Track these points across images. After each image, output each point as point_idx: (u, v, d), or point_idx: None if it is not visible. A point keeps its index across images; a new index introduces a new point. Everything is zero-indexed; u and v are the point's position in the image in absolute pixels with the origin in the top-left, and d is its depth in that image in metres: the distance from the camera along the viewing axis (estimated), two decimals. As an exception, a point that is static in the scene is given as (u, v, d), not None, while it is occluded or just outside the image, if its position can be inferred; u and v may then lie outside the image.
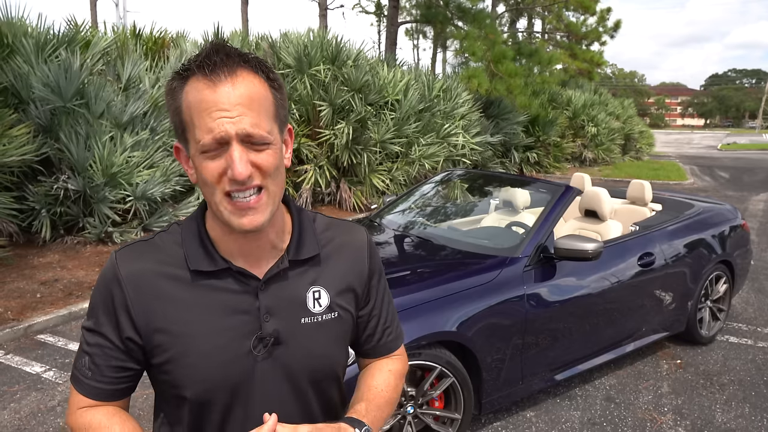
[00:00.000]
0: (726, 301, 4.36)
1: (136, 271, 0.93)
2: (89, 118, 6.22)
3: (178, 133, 0.89)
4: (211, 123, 0.81)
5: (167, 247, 0.96)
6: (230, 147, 0.83)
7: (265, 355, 0.94)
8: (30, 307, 4.50)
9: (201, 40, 9.13)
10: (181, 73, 0.86)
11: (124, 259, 0.94)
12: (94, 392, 0.95)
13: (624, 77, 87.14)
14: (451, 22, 13.93)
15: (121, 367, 0.94)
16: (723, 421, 3.21)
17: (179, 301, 0.92)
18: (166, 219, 6.73)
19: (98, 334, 0.94)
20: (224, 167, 0.83)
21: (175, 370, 0.92)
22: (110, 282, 0.93)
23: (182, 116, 0.86)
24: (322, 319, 0.99)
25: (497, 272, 2.90)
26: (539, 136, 14.88)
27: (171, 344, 0.92)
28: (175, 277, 0.93)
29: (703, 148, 32.01)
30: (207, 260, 0.93)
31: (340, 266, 1.03)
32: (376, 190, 9.03)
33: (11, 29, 6.23)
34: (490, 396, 2.87)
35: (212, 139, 0.82)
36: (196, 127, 0.83)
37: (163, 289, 0.92)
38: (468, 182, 4.72)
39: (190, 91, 0.84)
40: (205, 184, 0.86)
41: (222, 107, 0.81)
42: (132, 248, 0.96)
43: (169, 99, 0.88)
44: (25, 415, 3.13)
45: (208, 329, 0.92)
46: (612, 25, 17.62)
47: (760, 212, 10.14)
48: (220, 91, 0.82)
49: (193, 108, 0.83)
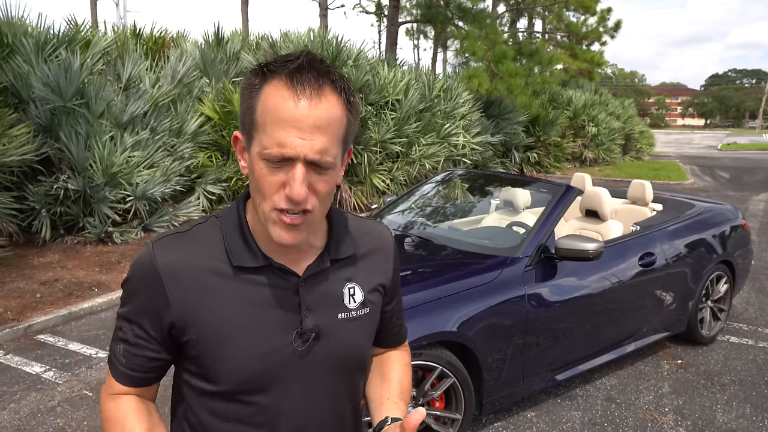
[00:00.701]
0: (727, 301, 4.35)
1: (174, 263, 0.92)
2: (89, 118, 6.22)
3: (245, 126, 0.87)
4: (283, 138, 0.81)
5: (206, 240, 0.95)
6: (294, 166, 0.82)
7: (304, 350, 0.96)
8: (30, 307, 4.50)
9: (201, 40, 9.14)
10: (264, 71, 0.84)
11: (163, 250, 0.93)
12: (126, 378, 0.97)
13: (624, 77, 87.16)
14: (452, 22, 13.93)
15: (154, 358, 0.96)
16: (724, 422, 3.20)
17: (219, 295, 0.92)
18: (166, 219, 6.74)
19: (133, 323, 0.94)
20: (282, 182, 0.83)
21: (213, 362, 0.93)
22: (148, 271, 0.92)
23: (255, 115, 0.84)
24: (356, 315, 1.02)
25: (498, 272, 2.90)
26: (540, 136, 14.87)
27: (209, 337, 0.92)
28: (216, 270, 0.93)
29: (704, 148, 32.00)
30: (249, 256, 0.94)
31: (370, 264, 1.07)
32: (377, 190, 9.02)
33: (11, 29, 6.23)
34: (491, 396, 2.87)
35: (279, 154, 0.81)
36: (266, 134, 0.82)
37: (202, 282, 0.92)
38: (468, 182, 4.72)
39: (272, 94, 0.82)
40: (258, 189, 0.86)
41: (298, 125, 0.81)
42: (170, 239, 0.96)
43: (246, 93, 0.86)
44: (25, 416, 3.13)
45: (248, 323, 0.93)
46: (612, 25, 17.62)
47: (761, 212, 10.13)
48: (301, 106, 0.81)
49: (269, 113, 0.82)
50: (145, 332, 0.94)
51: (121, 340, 0.96)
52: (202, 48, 8.60)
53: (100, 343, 4.07)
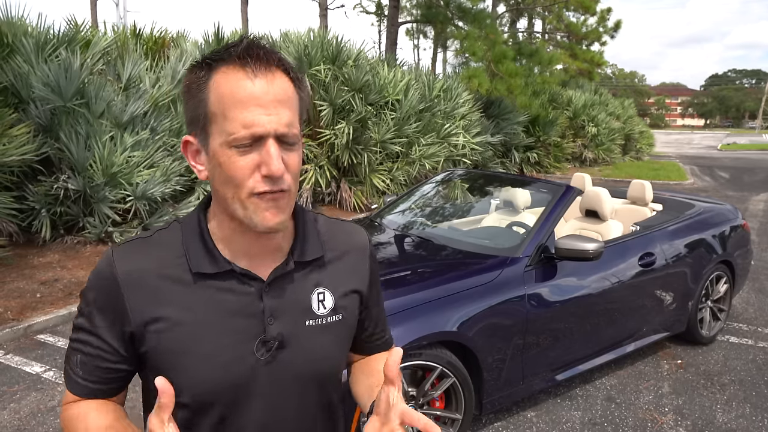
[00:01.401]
0: (726, 301, 4.36)
1: (134, 270, 0.89)
2: (89, 118, 6.22)
3: (196, 124, 0.85)
4: (248, 117, 0.79)
5: (167, 246, 0.92)
6: (266, 143, 0.80)
7: (268, 358, 0.92)
8: (30, 307, 4.50)
9: (201, 39, 9.13)
10: (209, 61, 0.83)
11: (122, 257, 0.90)
12: (84, 390, 0.92)
13: (624, 77, 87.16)
14: (452, 22, 13.93)
15: (112, 368, 0.92)
16: (724, 422, 3.20)
17: (179, 303, 0.89)
18: (166, 219, 6.73)
19: (90, 333, 0.90)
20: (256, 163, 0.81)
21: (174, 372, 0.88)
22: (106, 280, 0.89)
23: (208, 107, 0.82)
24: (327, 322, 0.97)
25: (498, 272, 2.90)
26: (539, 136, 14.87)
27: (169, 346, 0.88)
28: (176, 277, 0.89)
29: (703, 148, 32.01)
30: (209, 261, 0.90)
31: (343, 268, 1.01)
32: (377, 190, 9.02)
33: (11, 29, 6.22)
34: (491, 396, 2.87)
35: (249, 134, 0.79)
36: (228, 120, 0.80)
37: (162, 290, 0.89)
38: (468, 182, 4.72)
39: (223, 81, 0.80)
40: (231, 180, 0.82)
41: (260, 102, 0.79)
42: (130, 246, 0.92)
43: (192, 87, 0.84)
44: (25, 415, 3.13)
45: (209, 331, 0.88)
46: (612, 26, 17.63)
47: (761, 212, 10.14)
48: (258, 84, 0.79)
49: (226, 99, 0.80)
50: (105, 342, 0.90)
51: (78, 351, 0.91)
52: (202, 48, 8.60)
53: (100, 343, 4.07)
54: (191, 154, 0.88)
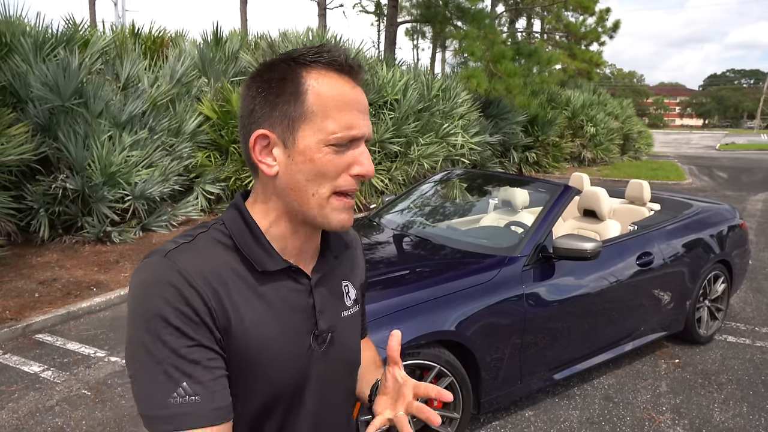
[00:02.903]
0: (724, 301, 4.36)
1: (200, 270, 0.82)
2: (88, 118, 6.22)
3: (282, 120, 0.84)
4: (351, 120, 0.84)
5: (219, 247, 0.88)
6: (360, 146, 0.87)
7: (322, 352, 0.95)
8: (28, 306, 4.50)
9: (200, 39, 9.13)
10: (300, 62, 0.85)
11: (183, 259, 0.82)
12: (214, 415, 0.79)
13: (623, 77, 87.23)
14: (451, 21, 13.93)
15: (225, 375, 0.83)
16: (721, 420, 3.21)
17: (249, 303, 0.86)
18: (164, 218, 6.73)
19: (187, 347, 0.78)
20: (349, 162, 0.86)
21: (249, 374, 0.86)
22: (176, 284, 0.79)
23: (305, 105, 0.83)
24: (353, 312, 1.04)
25: (496, 272, 2.90)
26: (538, 135, 14.88)
27: (247, 348, 0.85)
28: (242, 277, 0.87)
29: (702, 148, 32.04)
30: (269, 260, 0.89)
31: (352, 262, 1.09)
32: (375, 189, 9.02)
33: (9, 28, 6.22)
34: (489, 395, 2.87)
35: (350, 135, 0.84)
36: (329, 119, 0.83)
37: (233, 290, 0.85)
38: (467, 182, 4.73)
39: (324, 83, 0.84)
40: (321, 175, 0.84)
41: (359, 108, 0.86)
42: (182, 249, 0.84)
43: (281, 85, 0.84)
44: (23, 415, 3.13)
45: (275, 330, 0.88)
46: (611, 26, 17.63)
47: (759, 212, 10.15)
48: (357, 92, 0.87)
49: (329, 100, 0.84)
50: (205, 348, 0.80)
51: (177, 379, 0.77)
52: (200, 47, 8.59)
53: (99, 342, 4.07)
54: (261, 149, 0.86)
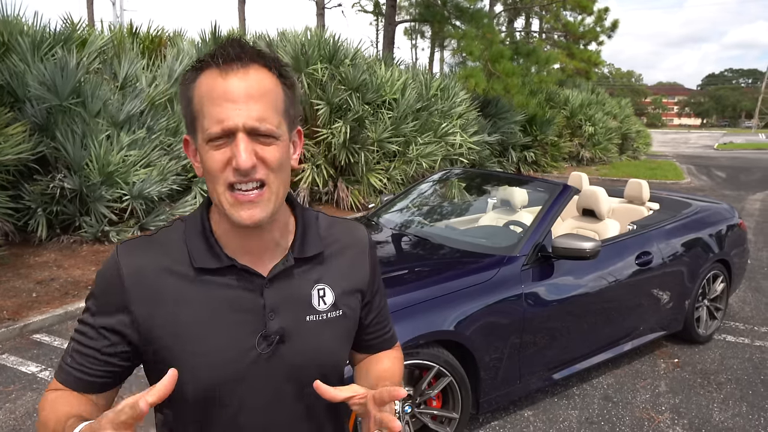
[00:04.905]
0: (723, 300, 4.36)
1: (138, 268, 0.91)
2: (86, 117, 6.20)
3: (188, 124, 0.89)
4: (219, 113, 0.82)
5: (170, 244, 0.94)
6: (236, 137, 0.83)
7: (269, 353, 0.93)
8: (26, 306, 4.48)
9: (198, 38, 9.11)
10: (196, 65, 0.87)
11: (127, 255, 0.92)
12: (69, 378, 0.92)
13: (621, 77, 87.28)
14: (449, 21, 13.94)
15: (106, 361, 0.92)
16: (720, 420, 3.21)
17: (182, 299, 0.91)
18: (163, 218, 6.71)
19: (90, 326, 0.92)
20: (229, 157, 0.84)
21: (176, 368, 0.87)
22: (111, 276, 0.91)
23: (193, 107, 0.86)
24: (328, 317, 0.99)
25: (495, 271, 2.90)
26: (536, 135, 14.88)
27: (173, 343, 0.90)
28: (179, 273, 0.91)
29: (700, 147, 32.09)
30: (211, 257, 0.92)
31: (343, 265, 1.03)
32: (374, 189, 9.02)
33: (7, 27, 6.20)
34: (488, 395, 2.87)
35: (220, 129, 0.82)
36: (204, 117, 0.84)
37: (166, 287, 0.91)
38: (466, 181, 4.72)
39: (203, 81, 0.85)
40: (209, 174, 0.86)
41: (230, 98, 0.82)
42: (134, 244, 0.94)
43: (183, 90, 0.88)
44: (21, 415, 3.12)
45: (211, 327, 0.90)
46: (609, 25, 17.66)
47: (757, 211, 10.16)
48: (230, 81, 0.83)
49: (204, 97, 0.84)
50: (102, 336, 0.91)
51: (75, 341, 0.93)
52: (198, 47, 8.58)
53: (97, 342, 4.06)
54: (191, 153, 0.92)
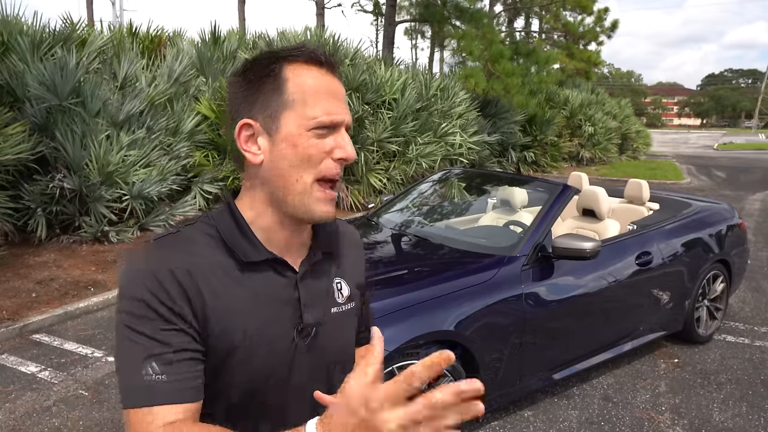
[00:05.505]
0: (723, 300, 4.36)
1: (185, 263, 0.86)
2: (85, 117, 6.19)
3: (265, 109, 0.89)
4: (328, 105, 0.89)
5: (204, 239, 0.91)
6: (339, 131, 0.90)
7: (306, 346, 0.96)
8: (25, 306, 4.48)
9: (198, 38, 9.10)
10: (280, 57, 0.90)
11: (167, 252, 0.88)
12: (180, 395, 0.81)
13: (621, 77, 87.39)
14: (449, 21, 13.94)
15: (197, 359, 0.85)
16: (720, 420, 3.21)
17: (231, 293, 0.89)
18: (162, 218, 6.71)
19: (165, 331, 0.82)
20: (331, 147, 0.89)
21: (228, 365, 0.88)
22: (158, 273, 0.83)
23: (285, 95, 0.88)
24: (345, 309, 1.04)
25: (495, 271, 2.89)
26: (536, 135, 14.88)
27: (227, 338, 0.87)
28: (225, 268, 0.89)
29: (700, 147, 32.10)
30: (253, 250, 0.92)
31: (350, 261, 1.09)
32: (374, 189, 9.01)
33: (6, 27, 6.19)
34: (488, 395, 2.86)
35: (329, 120, 0.88)
36: (309, 106, 0.88)
37: (214, 281, 0.87)
38: (465, 181, 4.72)
39: (303, 73, 0.89)
40: (305, 160, 0.88)
41: (338, 97, 0.91)
42: (166, 240, 0.90)
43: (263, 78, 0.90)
44: (20, 415, 3.11)
45: (258, 321, 0.90)
46: (609, 25, 17.69)
47: (757, 211, 10.17)
48: (333, 81, 0.91)
49: (307, 88, 0.88)
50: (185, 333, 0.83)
51: (154, 357, 0.81)
52: (198, 47, 8.57)
53: (96, 342, 4.06)
54: (245, 139, 0.91)
